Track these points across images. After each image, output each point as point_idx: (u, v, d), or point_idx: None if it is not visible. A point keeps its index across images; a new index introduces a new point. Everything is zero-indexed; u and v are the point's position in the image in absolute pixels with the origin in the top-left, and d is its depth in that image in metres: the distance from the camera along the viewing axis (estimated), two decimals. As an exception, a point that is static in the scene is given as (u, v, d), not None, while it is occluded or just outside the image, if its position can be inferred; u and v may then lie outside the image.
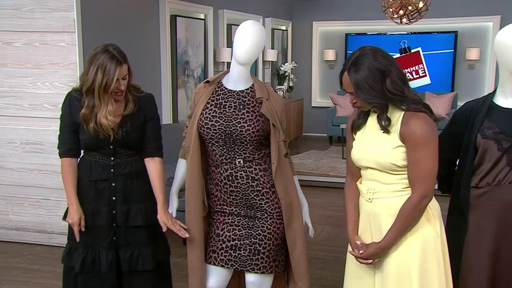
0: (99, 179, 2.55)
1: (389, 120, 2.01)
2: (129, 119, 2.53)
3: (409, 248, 2.03)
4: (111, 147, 2.53)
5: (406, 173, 2.02)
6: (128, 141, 2.55)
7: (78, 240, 2.52)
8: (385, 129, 2.01)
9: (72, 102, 2.53)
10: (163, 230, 2.54)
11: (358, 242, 2.13)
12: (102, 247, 2.56)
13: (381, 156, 2.02)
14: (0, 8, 4.26)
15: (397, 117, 2.01)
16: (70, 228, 2.61)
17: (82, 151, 2.61)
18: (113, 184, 2.56)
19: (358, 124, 2.15)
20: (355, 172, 2.21)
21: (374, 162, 2.05)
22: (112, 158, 2.55)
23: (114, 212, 2.56)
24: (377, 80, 1.95)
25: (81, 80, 2.49)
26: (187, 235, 2.45)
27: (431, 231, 2.05)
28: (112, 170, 2.55)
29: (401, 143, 1.99)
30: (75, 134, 2.55)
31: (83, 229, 2.53)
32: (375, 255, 2.07)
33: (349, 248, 2.19)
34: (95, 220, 2.55)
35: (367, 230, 2.14)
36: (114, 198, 2.56)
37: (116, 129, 2.49)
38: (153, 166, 2.60)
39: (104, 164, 2.55)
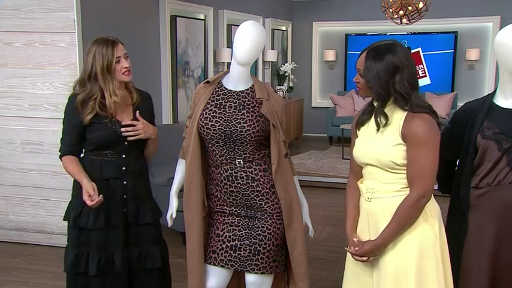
0: (111, 178, 2.56)
1: (386, 117, 2.01)
2: (141, 115, 2.58)
3: (407, 248, 2.03)
4: (126, 143, 2.55)
5: (405, 172, 2.02)
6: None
7: (102, 199, 2.44)
8: (379, 125, 2.02)
9: (76, 103, 2.53)
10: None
11: (355, 239, 2.14)
12: (116, 247, 2.56)
13: (381, 153, 2.03)
14: (0, 8, 4.26)
15: (399, 116, 2.02)
16: (76, 233, 2.58)
17: (86, 152, 2.62)
18: (125, 182, 2.58)
19: (362, 120, 2.17)
20: (357, 171, 2.22)
21: (374, 159, 2.06)
22: (123, 156, 2.57)
23: (124, 210, 2.58)
24: (387, 72, 1.97)
25: (82, 73, 2.53)
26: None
27: (429, 232, 2.05)
28: (124, 167, 2.57)
29: (402, 141, 2.00)
30: (78, 137, 2.56)
31: (99, 198, 2.45)
32: (371, 253, 2.07)
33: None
34: (107, 220, 2.55)
35: (366, 229, 2.15)
36: (125, 196, 2.58)
37: (133, 119, 2.54)
38: None
39: (115, 161, 2.56)
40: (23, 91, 4.32)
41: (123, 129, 2.52)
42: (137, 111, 2.56)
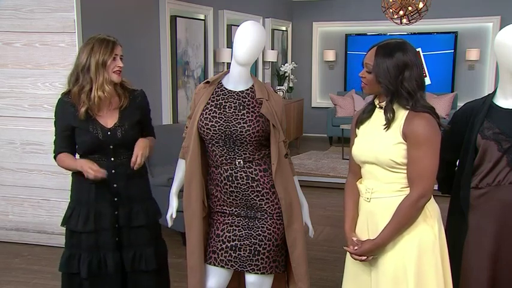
0: (100, 181, 2.54)
1: (393, 114, 2.01)
2: (126, 118, 2.57)
3: (406, 248, 2.03)
4: (111, 147, 2.54)
5: (405, 171, 2.02)
6: (126, 140, 2.56)
7: (105, 176, 2.46)
8: (389, 121, 2.02)
9: (65, 107, 2.53)
10: (133, 162, 2.53)
11: (354, 239, 2.13)
12: (108, 249, 2.55)
13: (381, 152, 2.03)
14: (0, 8, 4.26)
15: (401, 115, 2.02)
16: (68, 234, 2.60)
17: (79, 155, 2.62)
18: (115, 185, 2.56)
19: (362, 119, 2.17)
20: (356, 171, 2.21)
21: (373, 157, 2.06)
22: (112, 159, 2.56)
23: (116, 213, 2.57)
24: (396, 68, 1.98)
25: (74, 68, 2.52)
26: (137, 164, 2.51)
27: (429, 232, 2.05)
28: (113, 171, 2.55)
29: (402, 140, 2.00)
30: (68, 139, 2.56)
31: (100, 171, 2.46)
32: (370, 252, 2.07)
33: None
34: (97, 223, 2.54)
35: (365, 229, 2.15)
36: (116, 199, 2.57)
37: (117, 123, 2.53)
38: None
39: (104, 165, 2.54)
40: (23, 91, 4.32)
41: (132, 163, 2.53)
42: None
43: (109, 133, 2.52)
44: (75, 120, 2.50)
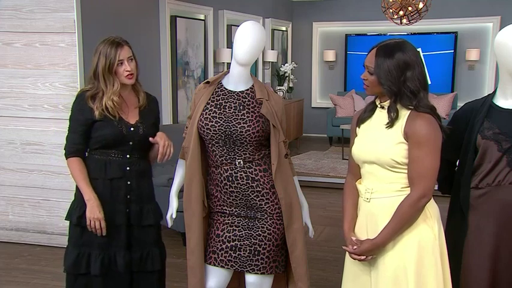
0: (115, 177, 2.55)
1: (397, 112, 2.01)
2: (146, 118, 2.61)
3: (406, 248, 2.03)
4: (131, 143, 2.55)
5: (405, 171, 2.02)
6: (145, 139, 2.58)
7: (104, 233, 2.50)
8: (392, 120, 2.01)
9: (85, 101, 2.53)
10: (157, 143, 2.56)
11: (353, 238, 2.13)
12: (119, 248, 2.56)
13: (382, 152, 2.03)
14: (1, 8, 4.26)
15: (403, 114, 2.02)
16: (79, 232, 2.57)
17: (91, 150, 2.61)
18: (128, 182, 2.58)
19: (362, 118, 2.16)
20: (356, 172, 2.21)
21: (374, 157, 2.05)
22: (128, 156, 2.57)
23: (128, 210, 2.58)
24: (398, 69, 1.98)
25: (89, 71, 2.55)
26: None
27: (429, 232, 2.04)
28: (128, 167, 2.57)
29: (404, 140, 2.00)
30: (84, 135, 2.55)
31: (104, 229, 2.50)
32: (369, 252, 2.07)
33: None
34: (111, 220, 2.54)
35: (364, 230, 2.14)
36: (128, 196, 2.58)
37: (139, 121, 2.57)
38: None
39: (119, 161, 2.56)
40: (23, 91, 4.33)
41: (160, 153, 2.54)
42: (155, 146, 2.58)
43: (132, 129, 2.55)
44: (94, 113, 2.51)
